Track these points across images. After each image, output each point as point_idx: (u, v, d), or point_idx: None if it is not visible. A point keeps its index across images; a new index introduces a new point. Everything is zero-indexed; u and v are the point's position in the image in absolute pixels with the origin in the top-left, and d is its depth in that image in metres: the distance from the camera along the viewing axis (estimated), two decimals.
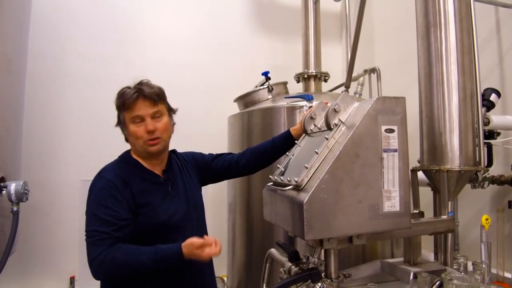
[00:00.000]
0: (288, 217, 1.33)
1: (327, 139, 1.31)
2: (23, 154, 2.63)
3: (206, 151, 2.09)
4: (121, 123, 1.71)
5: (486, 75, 2.67)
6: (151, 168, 1.72)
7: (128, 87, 1.68)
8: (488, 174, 2.48)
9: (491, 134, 2.42)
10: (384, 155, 1.30)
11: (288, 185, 1.33)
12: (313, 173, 1.27)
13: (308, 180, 1.26)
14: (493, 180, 2.45)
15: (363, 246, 2.43)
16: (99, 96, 3.32)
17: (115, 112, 1.75)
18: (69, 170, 3.27)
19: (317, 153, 1.29)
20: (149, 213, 1.60)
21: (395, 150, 1.31)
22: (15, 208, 2.03)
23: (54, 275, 3.27)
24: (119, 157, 1.77)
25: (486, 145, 2.48)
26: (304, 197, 1.21)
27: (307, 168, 1.27)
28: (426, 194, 1.88)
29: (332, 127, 1.36)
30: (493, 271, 2.05)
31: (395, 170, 1.30)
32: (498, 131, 2.47)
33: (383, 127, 1.30)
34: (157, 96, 1.68)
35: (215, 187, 2.16)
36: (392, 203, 1.29)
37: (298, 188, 1.28)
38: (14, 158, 2.35)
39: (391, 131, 1.31)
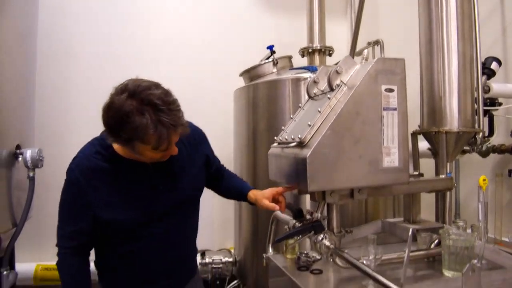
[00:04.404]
0: (292, 173, 1.40)
1: (329, 98, 1.37)
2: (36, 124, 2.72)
3: (212, 125, 2.11)
4: (128, 147, 1.38)
5: (489, 46, 2.70)
6: (138, 159, 1.47)
7: (144, 112, 1.26)
8: (489, 143, 2.54)
9: (492, 103, 2.47)
10: (384, 113, 1.36)
11: (292, 143, 1.40)
12: (316, 131, 1.33)
13: (311, 137, 1.33)
14: (494, 149, 2.50)
15: (366, 211, 2.51)
16: (103, 73, 3.42)
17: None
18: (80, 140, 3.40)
19: (319, 112, 1.35)
20: (113, 219, 1.46)
21: (395, 109, 1.37)
22: (31, 174, 2.14)
23: None
24: (98, 143, 1.50)
25: (487, 115, 2.54)
26: (307, 152, 1.28)
27: (310, 126, 1.34)
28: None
29: (334, 88, 1.41)
30: (492, 236, 2.13)
31: (394, 128, 1.37)
32: (499, 101, 2.51)
33: (383, 87, 1.35)
34: (183, 123, 1.37)
35: (222, 158, 2.22)
36: (391, 159, 1.36)
37: (301, 144, 1.34)
38: (28, 128, 2.44)
39: (391, 90, 1.36)
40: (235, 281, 3.38)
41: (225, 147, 3.06)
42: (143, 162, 1.46)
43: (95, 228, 1.47)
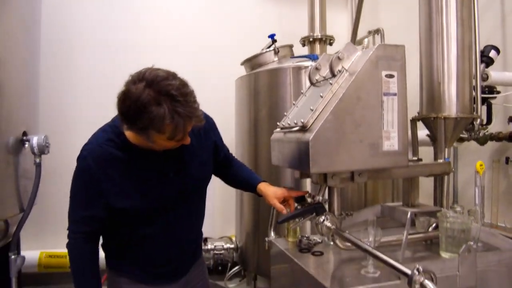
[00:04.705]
0: (295, 156, 1.44)
1: (331, 84, 1.41)
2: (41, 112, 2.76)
3: (214, 114, 2.12)
4: (143, 136, 1.36)
5: (489, 35, 2.73)
6: (150, 147, 1.45)
7: (160, 102, 1.25)
8: (487, 131, 2.58)
9: (491, 92, 2.51)
10: (384, 98, 1.40)
11: (295, 127, 1.44)
12: (318, 115, 1.37)
13: (314, 121, 1.37)
14: (492, 137, 2.54)
15: (365, 196, 2.57)
16: (107, 58, 3.46)
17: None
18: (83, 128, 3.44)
19: (321, 97, 1.39)
20: (125, 206, 1.47)
21: (395, 94, 1.41)
22: (37, 160, 2.18)
23: None
24: (111, 130, 1.49)
25: (486, 103, 2.58)
26: (310, 135, 1.32)
27: (312, 110, 1.38)
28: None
29: (335, 73, 1.45)
30: (488, 221, 2.18)
31: (394, 113, 1.41)
32: (497, 89, 2.55)
33: (384, 73, 1.39)
34: (199, 115, 1.36)
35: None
36: (391, 142, 1.40)
37: (304, 128, 1.38)
38: (34, 115, 2.48)
39: (391, 76, 1.40)
40: (236, 267, 3.44)
41: (226, 135, 3.09)
42: (154, 150, 1.46)
43: (107, 215, 1.49)
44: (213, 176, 1.79)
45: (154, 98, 1.25)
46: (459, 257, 1.44)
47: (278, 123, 1.67)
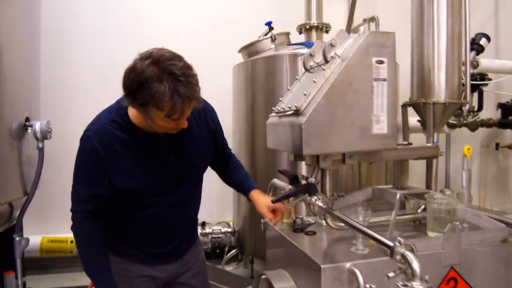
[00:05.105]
0: (288, 139, 1.50)
1: (324, 70, 1.47)
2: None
3: (213, 100, 2.17)
4: (142, 111, 1.40)
5: (482, 23, 2.78)
6: (152, 130, 1.51)
7: (163, 79, 1.30)
8: (478, 117, 2.65)
9: (482, 79, 2.57)
10: (374, 83, 1.46)
11: (289, 111, 1.50)
12: (311, 100, 1.43)
13: (307, 105, 1.43)
14: (482, 123, 2.61)
15: (359, 180, 2.64)
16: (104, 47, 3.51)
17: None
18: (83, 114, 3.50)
19: (314, 82, 1.45)
20: (127, 186, 1.53)
21: (384, 80, 1.47)
22: (40, 145, 2.24)
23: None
24: (115, 111, 1.54)
25: (477, 90, 2.64)
26: (303, 119, 1.39)
27: (305, 95, 1.44)
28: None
29: (328, 60, 1.51)
30: (476, 204, 2.26)
31: (384, 98, 1.47)
32: (489, 77, 2.61)
33: (374, 59, 1.45)
34: (198, 96, 1.42)
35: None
36: (380, 126, 1.47)
37: (297, 112, 1.44)
38: (35, 101, 2.53)
39: (381, 62, 1.46)
40: (234, 250, 3.53)
41: (224, 121, 3.14)
42: (156, 134, 1.51)
43: (110, 194, 1.54)
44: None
45: (157, 75, 1.30)
46: (444, 236, 1.52)
47: (273, 108, 1.73)
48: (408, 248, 1.03)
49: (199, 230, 3.49)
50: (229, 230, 3.53)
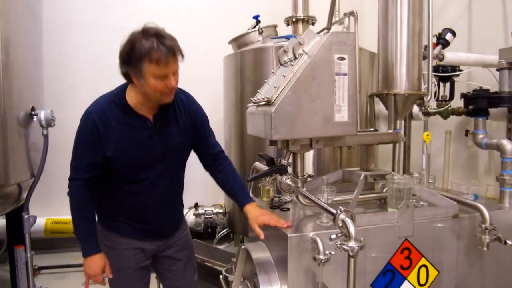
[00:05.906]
0: (262, 126, 1.72)
1: (292, 65, 1.68)
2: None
3: (205, 90, 2.36)
4: (136, 72, 1.64)
5: (455, 20, 2.97)
6: (143, 112, 1.77)
7: (149, 37, 1.60)
8: (450, 106, 2.86)
9: (453, 70, 2.77)
10: (336, 77, 1.66)
11: (263, 102, 1.72)
12: (280, 92, 1.64)
13: (276, 97, 1.64)
14: (453, 112, 2.82)
15: (340, 165, 2.85)
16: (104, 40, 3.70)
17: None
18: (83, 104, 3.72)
19: (284, 76, 1.66)
20: (119, 157, 1.75)
21: (345, 74, 1.67)
22: (45, 132, 2.48)
23: None
24: (113, 94, 1.79)
25: (449, 81, 2.84)
26: (273, 108, 1.60)
27: (276, 88, 1.65)
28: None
29: (297, 56, 1.71)
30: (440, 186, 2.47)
31: (345, 90, 1.68)
32: (460, 68, 2.81)
33: (336, 56, 1.65)
34: (180, 52, 1.69)
35: (212, 120, 2.47)
36: (341, 115, 1.68)
37: (269, 103, 1.66)
38: (39, 92, 2.75)
39: (342, 59, 1.66)
40: (225, 230, 3.77)
41: (215, 110, 3.37)
42: (146, 117, 1.77)
43: (104, 165, 1.76)
44: None
45: (144, 36, 1.61)
46: (398, 211, 1.74)
47: (252, 98, 1.94)
48: (348, 215, 1.25)
49: (192, 211, 3.73)
50: (221, 211, 3.75)
